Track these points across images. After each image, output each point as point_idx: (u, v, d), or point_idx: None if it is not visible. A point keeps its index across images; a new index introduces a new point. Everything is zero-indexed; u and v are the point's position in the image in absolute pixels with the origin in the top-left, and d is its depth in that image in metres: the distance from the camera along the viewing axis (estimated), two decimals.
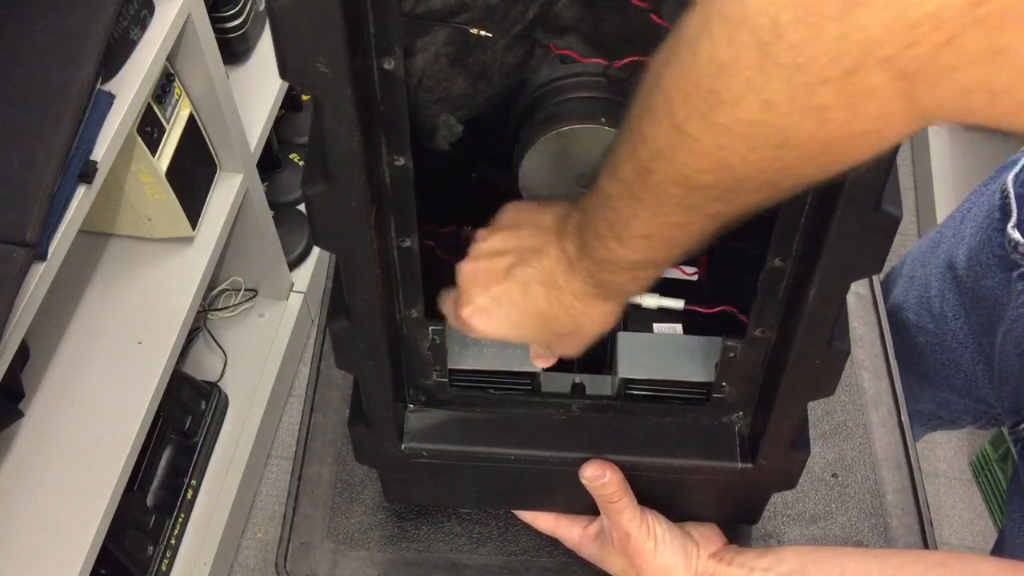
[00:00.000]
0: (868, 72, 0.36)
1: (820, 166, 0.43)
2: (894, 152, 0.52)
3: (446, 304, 0.66)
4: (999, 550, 0.99)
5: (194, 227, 1.40)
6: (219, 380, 1.65)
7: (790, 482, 0.77)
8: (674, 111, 0.43)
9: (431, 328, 0.70)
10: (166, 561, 1.45)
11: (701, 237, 0.51)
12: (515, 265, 0.61)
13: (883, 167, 0.53)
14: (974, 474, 1.70)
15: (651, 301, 0.77)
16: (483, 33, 0.59)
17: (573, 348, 0.64)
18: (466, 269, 0.63)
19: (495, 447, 0.75)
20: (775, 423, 0.69)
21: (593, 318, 0.60)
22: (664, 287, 0.77)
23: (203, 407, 1.58)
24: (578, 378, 0.76)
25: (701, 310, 0.76)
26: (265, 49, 1.64)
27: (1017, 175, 0.90)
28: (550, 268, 0.59)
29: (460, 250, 0.79)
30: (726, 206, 0.47)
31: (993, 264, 0.91)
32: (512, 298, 0.61)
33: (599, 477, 0.73)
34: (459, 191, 0.80)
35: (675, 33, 0.42)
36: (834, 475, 0.90)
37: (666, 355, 0.73)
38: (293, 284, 1.79)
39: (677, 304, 0.76)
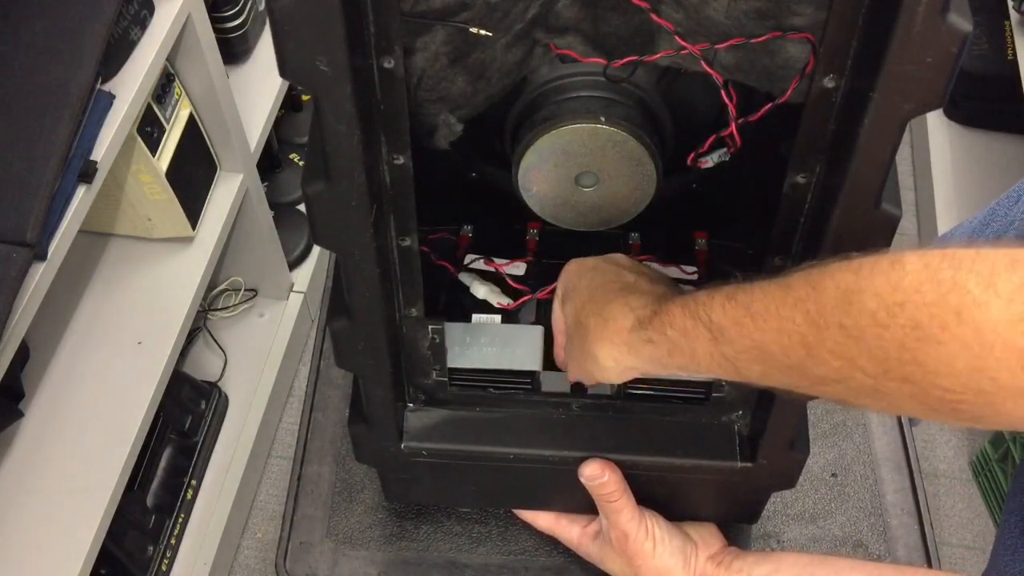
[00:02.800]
0: None
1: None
2: (893, 152, 0.53)
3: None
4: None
5: (194, 227, 1.40)
6: (219, 380, 1.65)
7: (789, 482, 0.77)
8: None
9: (431, 327, 0.70)
10: (166, 561, 1.45)
11: (779, 360, 0.52)
12: (632, 271, 0.67)
13: (882, 166, 0.53)
14: (974, 474, 1.70)
15: None
16: (483, 32, 0.59)
17: (571, 352, 0.67)
18: (622, 256, 0.72)
19: (495, 446, 0.75)
20: (774, 422, 0.69)
21: (607, 328, 0.62)
22: None
23: (203, 407, 1.58)
24: None
25: None
26: (265, 49, 1.63)
27: None
28: (644, 288, 0.64)
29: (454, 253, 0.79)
30: (878, 370, 0.48)
31: None
32: (598, 275, 0.67)
33: (598, 476, 0.73)
34: (459, 190, 0.80)
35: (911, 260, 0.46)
36: (833, 475, 0.90)
37: None
38: (293, 284, 1.79)
39: None
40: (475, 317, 0.78)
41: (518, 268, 0.82)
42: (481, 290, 0.80)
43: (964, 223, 1.10)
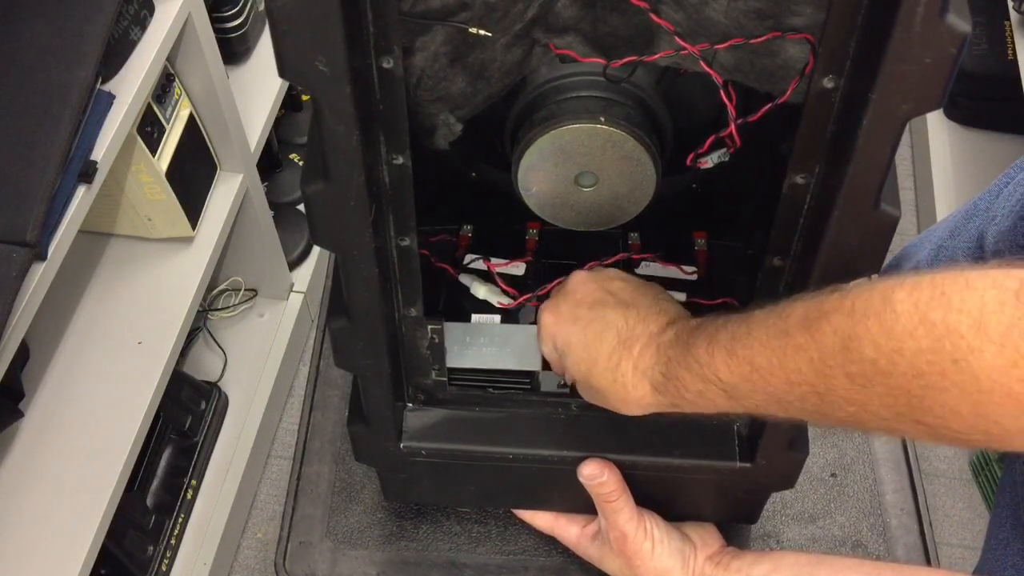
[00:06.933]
0: None
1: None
2: (893, 152, 0.53)
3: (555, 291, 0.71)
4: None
5: (194, 227, 1.40)
6: (219, 380, 1.65)
7: (789, 482, 0.77)
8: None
9: (430, 327, 0.70)
10: (166, 561, 1.45)
11: (796, 407, 0.52)
12: (611, 307, 0.64)
13: (881, 166, 0.53)
14: (974, 474, 1.70)
15: None
16: (482, 32, 0.59)
17: (589, 398, 0.67)
18: (581, 274, 0.68)
19: (494, 446, 0.75)
20: (773, 422, 0.69)
21: (628, 395, 0.62)
22: (664, 286, 0.77)
23: (203, 407, 1.58)
24: None
25: (702, 302, 0.76)
26: (265, 49, 1.63)
27: None
28: (637, 333, 0.62)
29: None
30: (878, 403, 0.48)
31: (1017, 253, 0.89)
32: (586, 327, 0.64)
33: (597, 476, 0.73)
34: (458, 190, 0.80)
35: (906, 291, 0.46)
36: (833, 475, 0.90)
37: None
38: (293, 284, 1.79)
39: (679, 298, 0.76)
40: (474, 317, 0.78)
41: (518, 268, 0.82)
42: (481, 291, 0.80)
43: (947, 217, 1.09)
